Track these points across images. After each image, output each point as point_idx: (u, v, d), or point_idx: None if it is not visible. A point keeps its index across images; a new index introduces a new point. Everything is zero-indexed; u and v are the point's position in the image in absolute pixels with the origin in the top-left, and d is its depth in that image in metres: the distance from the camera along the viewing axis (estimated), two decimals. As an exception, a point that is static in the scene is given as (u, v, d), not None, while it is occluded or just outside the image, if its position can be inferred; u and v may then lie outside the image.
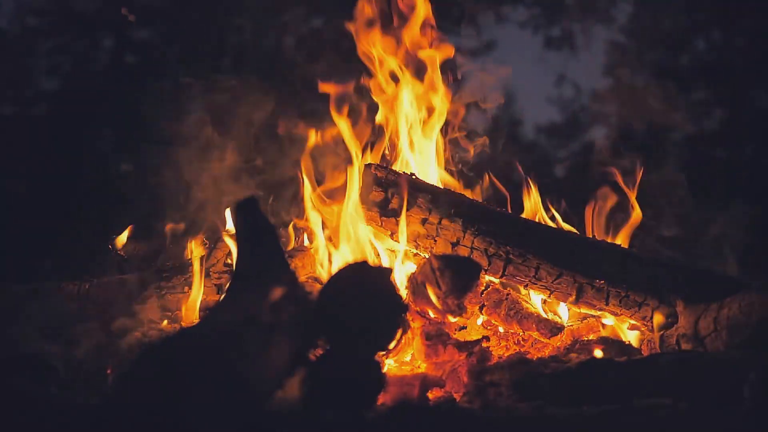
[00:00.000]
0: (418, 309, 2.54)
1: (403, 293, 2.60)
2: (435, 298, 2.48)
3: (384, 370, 2.00)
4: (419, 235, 2.74)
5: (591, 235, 2.99)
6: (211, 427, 1.48)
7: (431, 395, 2.24)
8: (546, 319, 2.70)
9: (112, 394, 1.66)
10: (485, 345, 2.44)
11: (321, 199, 3.05)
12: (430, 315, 2.54)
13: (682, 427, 1.77)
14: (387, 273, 1.98)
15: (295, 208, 3.30)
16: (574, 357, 2.31)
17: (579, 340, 2.64)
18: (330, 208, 3.01)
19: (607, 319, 2.76)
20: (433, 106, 3.15)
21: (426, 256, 2.75)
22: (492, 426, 1.83)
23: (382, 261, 2.91)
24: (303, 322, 1.79)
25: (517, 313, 2.71)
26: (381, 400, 2.01)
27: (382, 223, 2.77)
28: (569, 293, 2.66)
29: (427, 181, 2.94)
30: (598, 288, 2.64)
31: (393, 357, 2.47)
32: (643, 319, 2.63)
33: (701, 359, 2.17)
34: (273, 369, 1.68)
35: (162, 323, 2.83)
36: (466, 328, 2.84)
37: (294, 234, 3.24)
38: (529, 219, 2.94)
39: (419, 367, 2.47)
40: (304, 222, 3.11)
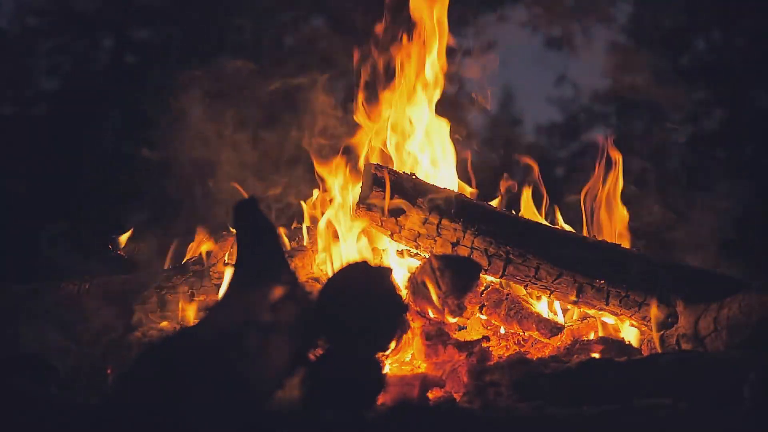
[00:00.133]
0: (418, 309, 2.54)
1: (403, 293, 2.60)
2: (435, 298, 2.48)
3: (384, 370, 2.00)
4: (419, 235, 2.74)
5: (590, 234, 2.99)
6: (211, 427, 1.48)
7: (431, 395, 2.24)
8: (546, 319, 2.70)
9: (112, 394, 1.66)
10: (485, 345, 2.44)
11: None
12: (430, 315, 2.54)
13: (682, 427, 1.77)
14: (387, 273, 1.98)
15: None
16: (575, 357, 2.31)
17: (579, 340, 2.64)
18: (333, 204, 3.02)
19: (607, 318, 2.76)
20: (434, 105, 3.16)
21: (426, 256, 2.75)
22: (492, 426, 1.83)
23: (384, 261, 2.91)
24: (303, 322, 1.79)
25: (517, 313, 2.71)
26: (381, 400, 2.01)
27: (382, 223, 2.77)
28: (569, 293, 2.66)
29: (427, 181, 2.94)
30: (598, 288, 2.64)
31: (393, 357, 2.47)
32: (643, 319, 2.63)
33: (701, 359, 2.17)
34: (273, 369, 1.68)
35: (162, 323, 2.83)
36: (466, 328, 2.84)
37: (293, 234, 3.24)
38: (530, 219, 2.94)
39: (419, 367, 2.47)
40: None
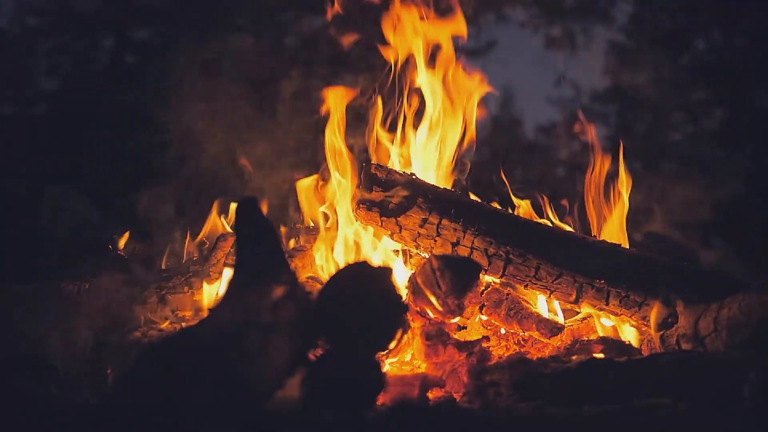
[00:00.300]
0: (418, 309, 2.54)
1: (404, 293, 2.60)
2: (435, 299, 2.47)
3: (384, 370, 2.00)
4: (419, 235, 2.74)
5: (592, 234, 2.99)
6: (211, 427, 1.48)
7: (431, 395, 2.24)
8: (546, 319, 2.70)
9: (112, 394, 1.66)
10: (485, 345, 2.44)
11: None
12: (430, 315, 2.54)
13: (682, 427, 1.77)
14: (387, 273, 1.98)
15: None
16: (575, 357, 2.31)
17: (579, 340, 2.64)
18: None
19: (606, 320, 2.76)
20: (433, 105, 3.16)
21: (426, 256, 2.75)
22: (492, 426, 1.83)
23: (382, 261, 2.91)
24: (303, 322, 1.79)
25: (517, 313, 2.71)
26: (381, 400, 2.01)
27: (381, 223, 2.76)
28: (569, 293, 2.66)
29: (427, 180, 2.94)
30: (598, 288, 2.64)
31: (393, 357, 2.47)
32: (643, 319, 2.63)
33: (701, 359, 2.17)
34: (273, 369, 1.68)
35: (162, 323, 2.83)
36: (466, 328, 2.84)
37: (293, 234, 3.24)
38: (530, 219, 2.94)
39: (419, 367, 2.47)
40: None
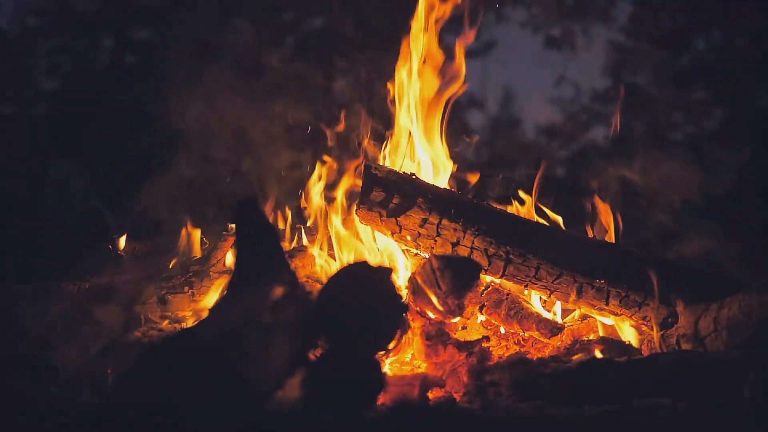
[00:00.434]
0: (418, 309, 2.54)
1: (404, 293, 2.60)
2: (435, 299, 2.48)
3: (384, 370, 2.00)
4: (419, 235, 2.73)
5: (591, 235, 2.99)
6: (211, 427, 1.48)
7: (431, 395, 2.24)
8: (546, 319, 2.70)
9: (112, 394, 1.66)
10: (485, 345, 2.44)
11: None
12: (430, 315, 2.54)
13: (682, 427, 1.77)
14: (387, 273, 1.98)
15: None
16: (575, 357, 2.31)
17: (579, 340, 2.64)
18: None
19: (606, 319, 2.76)
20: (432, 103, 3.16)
21: (426, 256, 2.75)
22: (492, 426, 1.83)
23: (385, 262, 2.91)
24: (303, 322, 1.79)
25: (517, 313, 2.71)
26: (381, 400, 2.01)
27: (382, 224, 2.76)
28: (569, 293, 2.66)
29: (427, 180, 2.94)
30: (599, 288, 2.64)
31: (393, 357, 2.47)
32: (643, 319, 2.63)
33: (701, 359, 2.17)
34: (273, 369, 1.68)
35: (162, 323, 2.83)
36: (466, 328, 2.84)
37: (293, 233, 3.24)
38: (530, 219, 2.94)
39: (419, 367, 2.47)
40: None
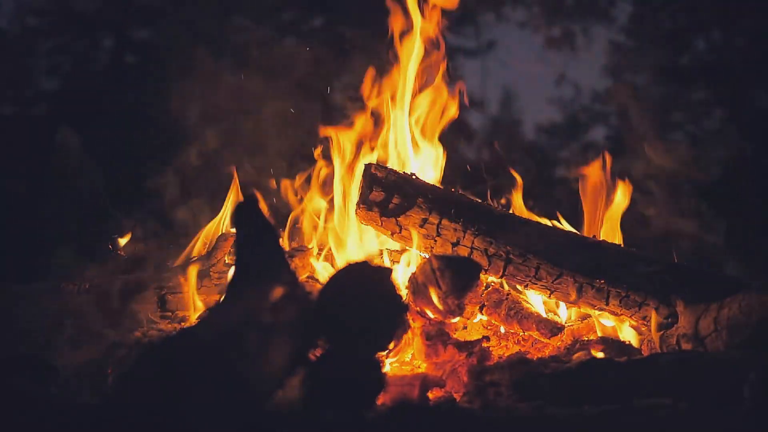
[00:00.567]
0: (418, 309, 2.54)
1: (404, 293, 2.60)
2: (435, 298, 2.47)
3: (384, 370, 2.00)
4: (419, 235, 2.73)
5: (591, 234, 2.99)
6: (211, 427, 1.48)
7: (431, 395, 2.24)
8: (546, 319, 2.70)
9: (112, 394, 1.66)
10: (485, 345, 2.44)
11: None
12: (430, 315, 2.54)
13: (682, 427, 1.77)
14: (387, 273, 1.98)
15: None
16: (575, 357, 2.31)
17: (579, 340, 2.64)
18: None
19: (606, 320, 2.76)
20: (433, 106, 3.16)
21: (426, 256, 2.75)
22: (492, 426, 1.83)
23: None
24: (303, 322, 1.79)
25: (517, 313, 2.71)
26: (381, 400, 2.01)
27: (381, 223, 2.76)
28: (569, 293, 2.66)
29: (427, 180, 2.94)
30: (599, 288, 2.64)
31: (393, 357, 2.47)
32: (643, 319, 2.63)
33: (701, 359, 2.17)
34: (273, 369, 1.68)
35: (162, 323, 2.83)
36: (466, 328, 2.84)
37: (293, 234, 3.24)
38: (529, 219, 2.94)
39: (419, 367, 2.47)
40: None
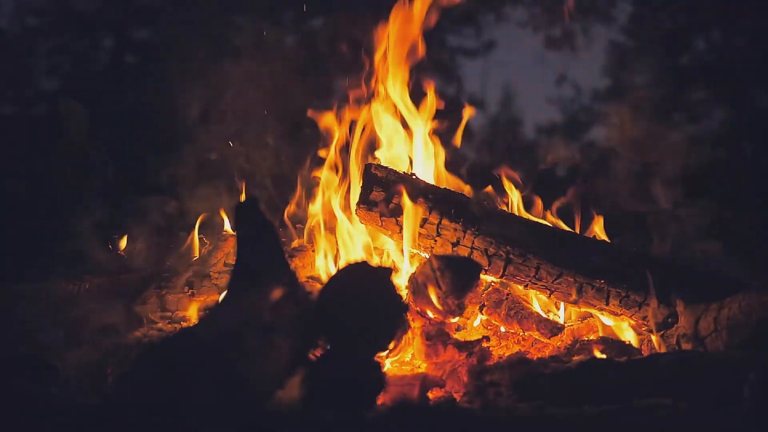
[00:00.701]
0: (418, 309, 2.54)
1: (404, 293, 2.60)
2: (435, 298, 2.47)
3: (384, 370, 2.00)
4: (419, 235, 2.74)
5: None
6: (211, 427, 1.48)
7: (431, 395, 2.24)
8: (546, 319, 2.71)
9: (112, 394, 1.66)
10: (485, 345, 2.44)
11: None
12: (430, 315, 2.54)
13: (682, 427, 1.77)
14: (387, 273, 1.98)
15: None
16: (575, 357, 2.31)
17: (579, 340, 2.64)
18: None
19: (606, 319, 2.76)
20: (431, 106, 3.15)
21: (426, 256, 2.75)
22: (492, 426, 1.83)
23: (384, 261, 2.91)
24: (303, 322, 1.79)
25: (517, 313, 2.71)
26: (381, 400, 2.01)
27: (382, 224, 2.76)
28: (569, 293, 2.66)
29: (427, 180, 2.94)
30: (599, 288, 2.64)
31: (393, 357, 2.47)
32: (643, 319, 2.63)
33: (701, 359, 2.17)
34: (273, 369, 1.68)
35: (162, 323, 2.83)
36: (466, 328, 2.84)
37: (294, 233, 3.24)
38: (529, 219, 2.94)
39: (419, 367, 2.47)
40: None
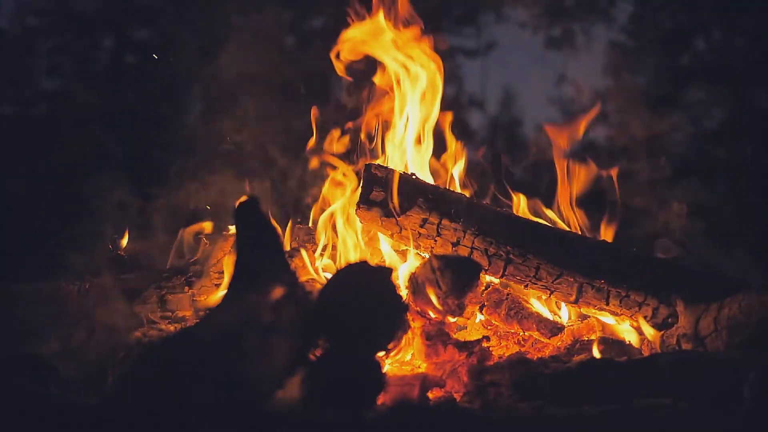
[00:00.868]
0: (418, 309, 2.54)
1: (404, 293, 2.60)
2: (435, 298, 2.47)
3: (384, 370, 2.00)
4: (419, 235, 2.73)
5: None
6: (211, 427, 1.48)
7: (431, 395, 2.24)
8: (546, 319, 2.70)
9: (112, 394, 1.66)
10: (485, 345, 2.44)
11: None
12: (430, 315, 2.54)
13: (682, 427, 1.77)
14: (387, 273, 1.98)
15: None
16: (575, 357, 2.31)
17: (579, 340, 2.64)
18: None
19: (607, 318, 2.76)
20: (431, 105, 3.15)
21: (426, 256, 2.75)
22: (492, 426, 1.83)
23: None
24: (303, 322, 1.79)
25: (517, 313, 2.71)
26: (381, 400, 2.01)
27: (382, 224, 2.76)
28: (569, 293, 2.66)
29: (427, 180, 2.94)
30: (599, 288, 2.64)
31: (393, 357, 2.47)
32: (644, 318, 2.63)
33: (701, 359, 2.18)
34: (273, 369, 1.68)
35: (162, 323, 2.83)
36: (466, 328, 2.84)
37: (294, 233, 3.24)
38: (530, 219, 2.94)
39: (419, 367, 2.47)
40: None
